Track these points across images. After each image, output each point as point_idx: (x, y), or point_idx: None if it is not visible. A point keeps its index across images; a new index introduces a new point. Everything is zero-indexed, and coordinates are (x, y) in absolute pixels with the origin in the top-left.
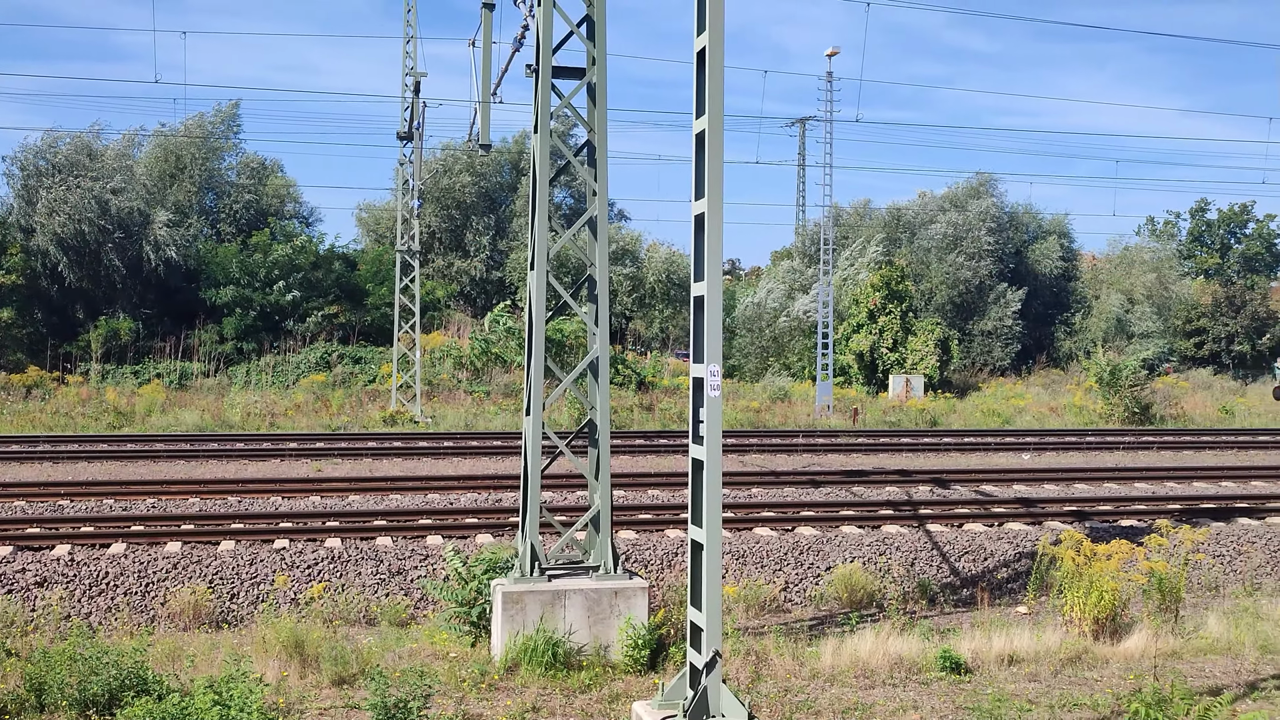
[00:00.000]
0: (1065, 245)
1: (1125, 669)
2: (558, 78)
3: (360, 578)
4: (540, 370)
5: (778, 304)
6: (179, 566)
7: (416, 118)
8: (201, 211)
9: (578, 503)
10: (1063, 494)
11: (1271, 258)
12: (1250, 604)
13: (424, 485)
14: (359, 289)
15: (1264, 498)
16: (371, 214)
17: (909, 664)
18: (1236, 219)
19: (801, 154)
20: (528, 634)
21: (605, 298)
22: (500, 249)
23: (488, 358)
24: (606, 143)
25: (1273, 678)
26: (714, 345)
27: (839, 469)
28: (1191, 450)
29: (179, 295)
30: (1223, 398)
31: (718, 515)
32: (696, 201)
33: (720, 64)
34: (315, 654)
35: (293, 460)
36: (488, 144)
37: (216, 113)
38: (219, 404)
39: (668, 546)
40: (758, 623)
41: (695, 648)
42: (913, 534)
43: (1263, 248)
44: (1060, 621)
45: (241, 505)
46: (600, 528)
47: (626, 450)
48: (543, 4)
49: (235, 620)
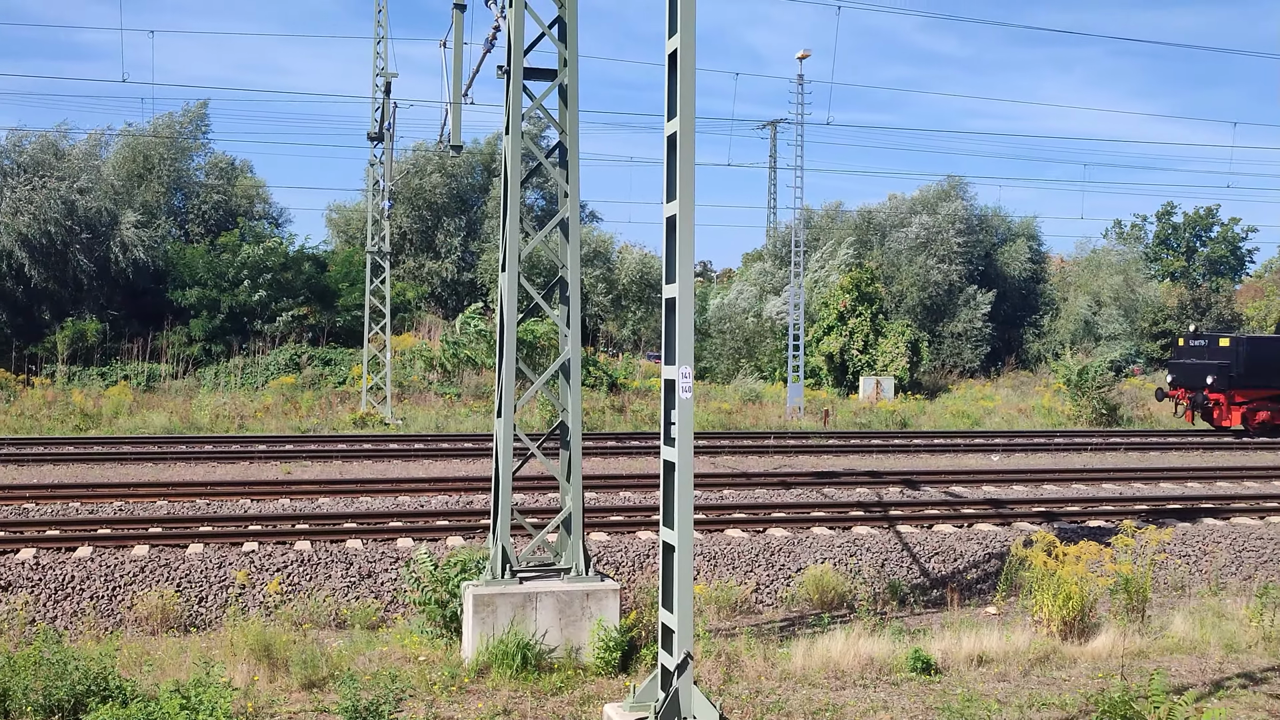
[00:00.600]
0: (1034, 248)
1: (1093, 669)
2: (529, 79)
3: (330, 580)
4: (512, 372)
5: (749, 306)
6: (146, 570)
7: (387, 118)
8: (170, 212)
9: (549, 505)
10: (1031, 495)
11: (1236, 260)
12: (1215, 603)
13: (395, 487)
14: (329, 290)
15: (1228, 498)
16: (342, 215)
17: (880, 665)
18: (1202, 222)
19: (773, 156)
20: (499, 636)
21: (577, 299)
22: (472, 250)
23: (459, 359)
24: (578, 144)
25: (1237, 676)
26: (685, 347)
27: (810, 470)
28: (1158, 451)
29: (147, 296)
30: None
31: (689, 517)
32: (668, 204)
33: (691, 66)
34: (285, 657)
35: (262, 462)
36: (459, 145)
37: (185, 112)
38: (187, 406)
39: (639, 548)
40: (729, 624)
41: (667, 650)
42: (883, 535)
43: (1227, 251)
44: (1029, 622)
45: (210, 508)
46: (572, 530)
47: (598, 452)
48: (514, 5)
49: (203, 624)
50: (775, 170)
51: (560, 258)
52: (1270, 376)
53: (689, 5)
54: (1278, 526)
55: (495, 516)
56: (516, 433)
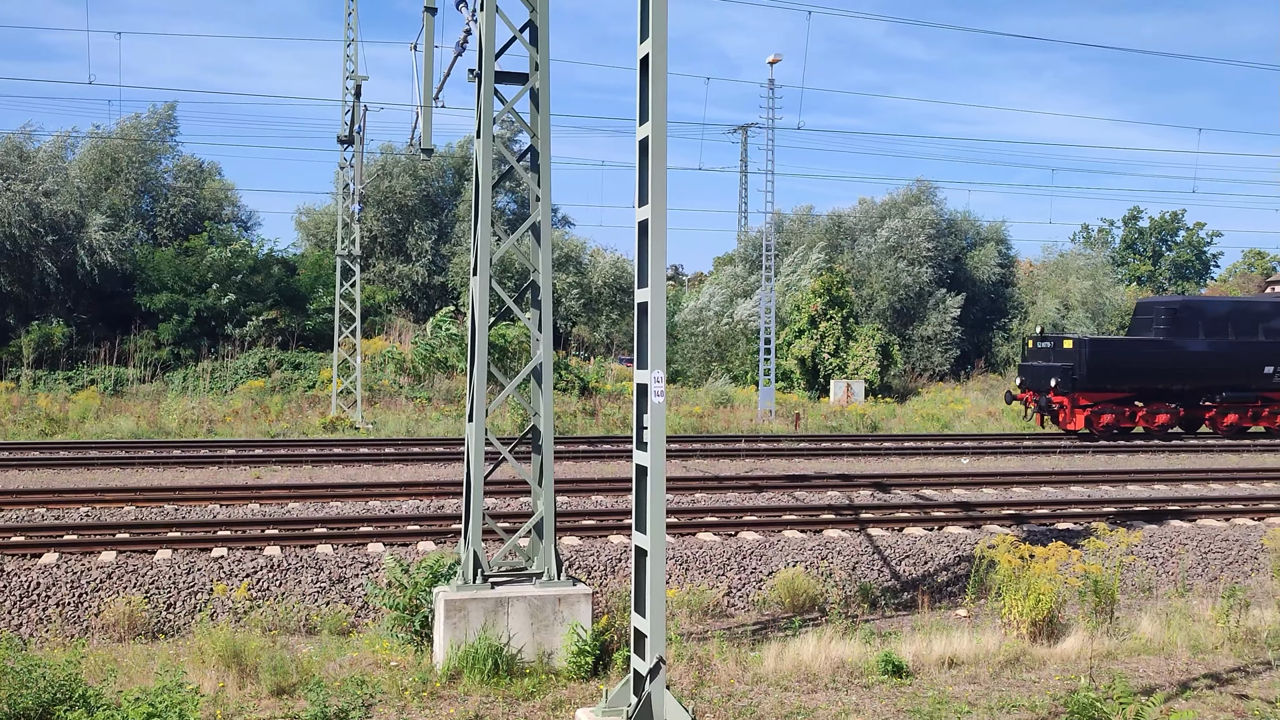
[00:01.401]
0: (1003, 252)
1: (1062, 670)
2: (500, 83)
3: (300, 586)
4: (483, 376)
5: (721, 309)
6: (114, 576)
7: (357, 121)
8: (137, 215)
9: (521, 509)
10: (1001, 498)
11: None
12: (1182, 604)
13: (365, 492)
14: (299, 294)
15: (1194, 500)
16: (311, 218)
17: (851, 668)
18: (1168, 227)
19: (744, 160)
20: (470, 642)
21: (549, 303)
22: (443, 253)
23: (430, 363)
24: (550, 148)
25: (1204, 677)
26: (658, 351)
27: (781, 474)
28: (1125, 454)
29: (114, 300)
30: None
31: (662, 522)
32: (640, 208)
33: (663, 71)
34: (254, 664)
35: (231, 467)
36: (430, 148)
37: (152, 114)
38: (155, 410)
39: (611, 552)
40: (701, 628)
41: (639, 654)
42: (854, 538)
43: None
44: (999, 624)
45: (178, 513)
46: (544, 534)
47: (570, 456)
48: (485, 9)
49: (172, 630)
50: (746, 174)
51: (532, 262)
52: (1115, 378)
53: (661, 11)
54: (1242, 528)
55: (467, 521)
56: (488, 437)
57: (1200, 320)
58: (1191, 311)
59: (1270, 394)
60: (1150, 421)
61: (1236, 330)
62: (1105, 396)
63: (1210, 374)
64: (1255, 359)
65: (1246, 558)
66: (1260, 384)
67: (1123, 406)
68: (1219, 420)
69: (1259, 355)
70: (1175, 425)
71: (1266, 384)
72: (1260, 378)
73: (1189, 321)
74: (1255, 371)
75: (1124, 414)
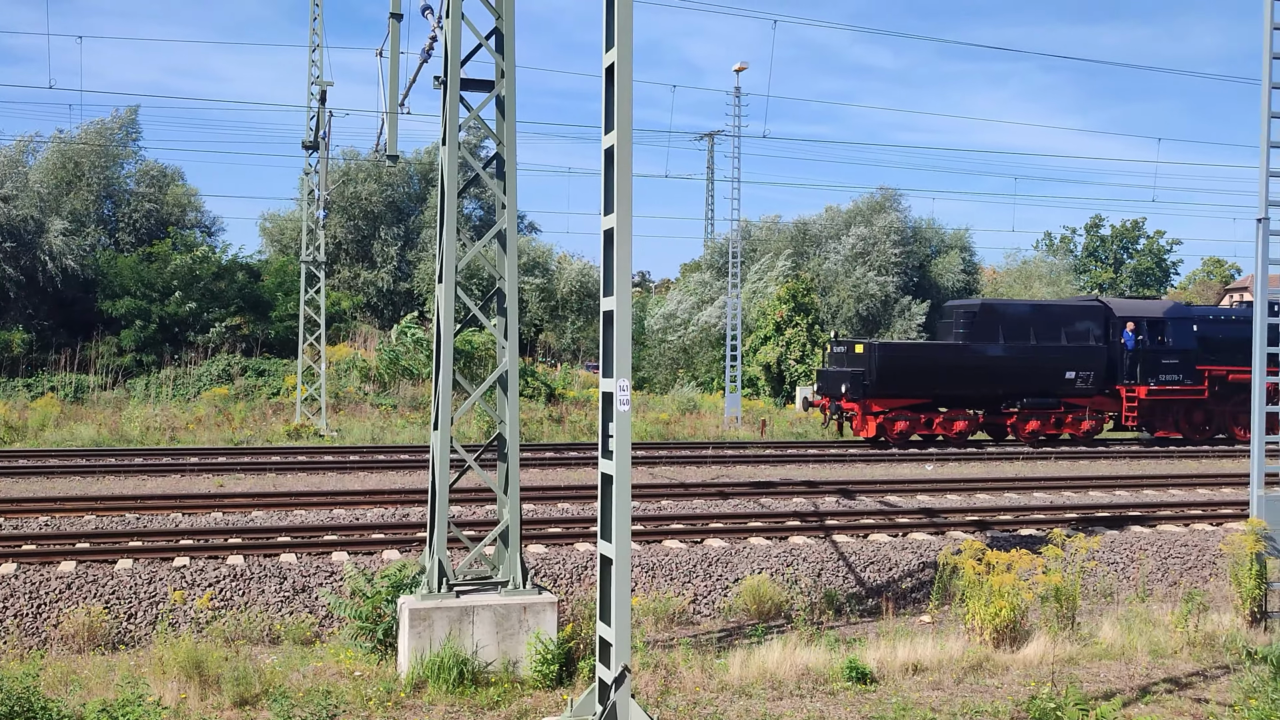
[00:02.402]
0: (967, 259)
1: (1025, 676)
2: (466, 90)
3: (264, 595)
4: (448, 384)
5: (688, 316)
6: (73, 586)
7: (323, 127)
8: (99, 220)
9: (486, 517)
10: (965, 504)
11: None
12: (1143, 610)
13: (329, 500)
14: (263, 300)
15: (1154, 505)
16: (276, 224)
17: (816, 674)
18: (1128, 235)
19: (710, 168)
20: (435, 651)
21: (515, 311)
22: (408, 260)
23: (395, 370)
24: (516, 155)
25: (1163, 681)
26: (623, 359)
27: (747, 480)
28: (1087, 460)
29: (76, 306)
30: None
31: (627, 530)
32: (606, 216)
33: (629, 80)
34: (216, 674)
35: (194, 475)
36: (395, 155)
37: (114, 119)
38: (117, 418)
39: (577, 560)
40: (667, 635)
41: (604, 663)
42: (820, 545)
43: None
44: (962, 630)
45: (140, 522)
46: (509, 542)
47: (536, 463)
48: (451, 16)
49: (133, 641)
50: (713, 182)
51: (498, 268)
52: (907, 384)
53: (626, 19)
54: (1201, 533)
55: (432, 529)
56: (453, 445)
57: (1000, 323)
58: (991, 314)
59: (1073, 399)
60: (948, 429)
61: (1038, 334)
62: (899, 403)
63: (1010, 379)
64: (1057, 363)
65: (1205, 562)
66: (1063, 389)
67: (919, 413)
68: (1020, 427)
69: (1061, 359)
70: (975, 432)
71: (1069, 389)
72: (1062, 383)
73: (988, 325)
74: (1057, 376)
75: (919, 421)
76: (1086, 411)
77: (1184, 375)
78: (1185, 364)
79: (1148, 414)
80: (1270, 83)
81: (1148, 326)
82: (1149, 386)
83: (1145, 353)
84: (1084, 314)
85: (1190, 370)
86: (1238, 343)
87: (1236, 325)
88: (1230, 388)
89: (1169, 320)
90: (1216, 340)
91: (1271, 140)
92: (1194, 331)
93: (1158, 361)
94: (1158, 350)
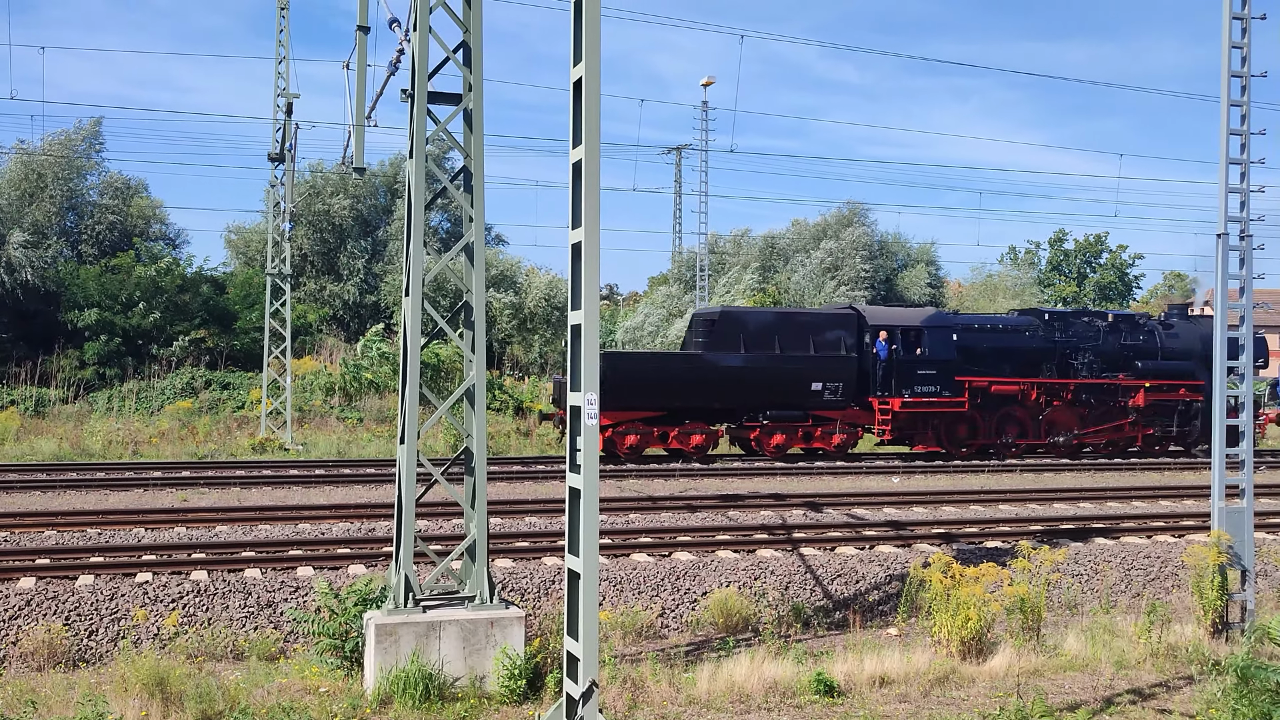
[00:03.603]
0: (933, 273)
1: (991, 688)
2: (434, 103)
3: (228, 611)
4: (415, 398)
5: (656, 329)
6: (33, 603)
7: (289, 139)
8: (61, 232)
9: (453, 531)
10: (931, 516)
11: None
12: (1107, 621)
13: (295, 515)
14: (228, 313)
15: (1118, 518)
16: (241, 236)
17: (784, 688)
18: (1091, 249)
19: (678, 182)
20: (401, 666)
21: (482, 324)
22: (375, 272)
23: (361, 383)
24: (483, 169)
25: (1127, 692)
26: (591, 373)
27: (715, 493)
28: (1051, 473)
29: (37, 319)
30: None
31: (594, 545)
32: (574, 230)
33: (597, 95)
34: (179, 692)
35: (157, 490)
36: (362, 167)
37: (78, 130)
38: (78, 432)
39: (545, 574)
40: (634, 649)
41: (572, 677)
42: (787, 558)
43: (1116, 277)
44: (929, 642)
45: (101, 537)
46: (476, 557)
47: (503, 477)
48: (418, 29)
49: (94, 658)
50: (681, 195)
51: (465, 282)
52: (640, 395)
53: (594, 34)
54: (1164, 545)
55: (398, 544)
56: (420, 459)
57: (742, 332)
58: (732, 322)
59: (822, 412)
60: (685, 443)
61: (784, 343)
62: (630, 415)
63: (751, 391)
64: (802, 374)
65: (1168, 574)
66: (810, 402)
67: (652, 427)
68: (765, 441)
69: (806, 370)
70: (714, 446)
71: (816, 401)
72: (809, 395)
73: (729, 333)
74: (802, 388)
75: (653, 435)
76: (837, 425)
77: (942, 386)
78: (944, 375)
79: (906, 427)
80: (1229, 101)
81: (902, 335)
82: (904, 398)
83: (900, 363)
84: (835, 322)
85: (949, 381)
86: (1004, 352)
87: (1002, 334)
88: (994, 400)
89: (925, 329)
90: (980, 350)
91: (1230, 157)
92: (954, 341)
93: (913, 372)
94: (913, 360)
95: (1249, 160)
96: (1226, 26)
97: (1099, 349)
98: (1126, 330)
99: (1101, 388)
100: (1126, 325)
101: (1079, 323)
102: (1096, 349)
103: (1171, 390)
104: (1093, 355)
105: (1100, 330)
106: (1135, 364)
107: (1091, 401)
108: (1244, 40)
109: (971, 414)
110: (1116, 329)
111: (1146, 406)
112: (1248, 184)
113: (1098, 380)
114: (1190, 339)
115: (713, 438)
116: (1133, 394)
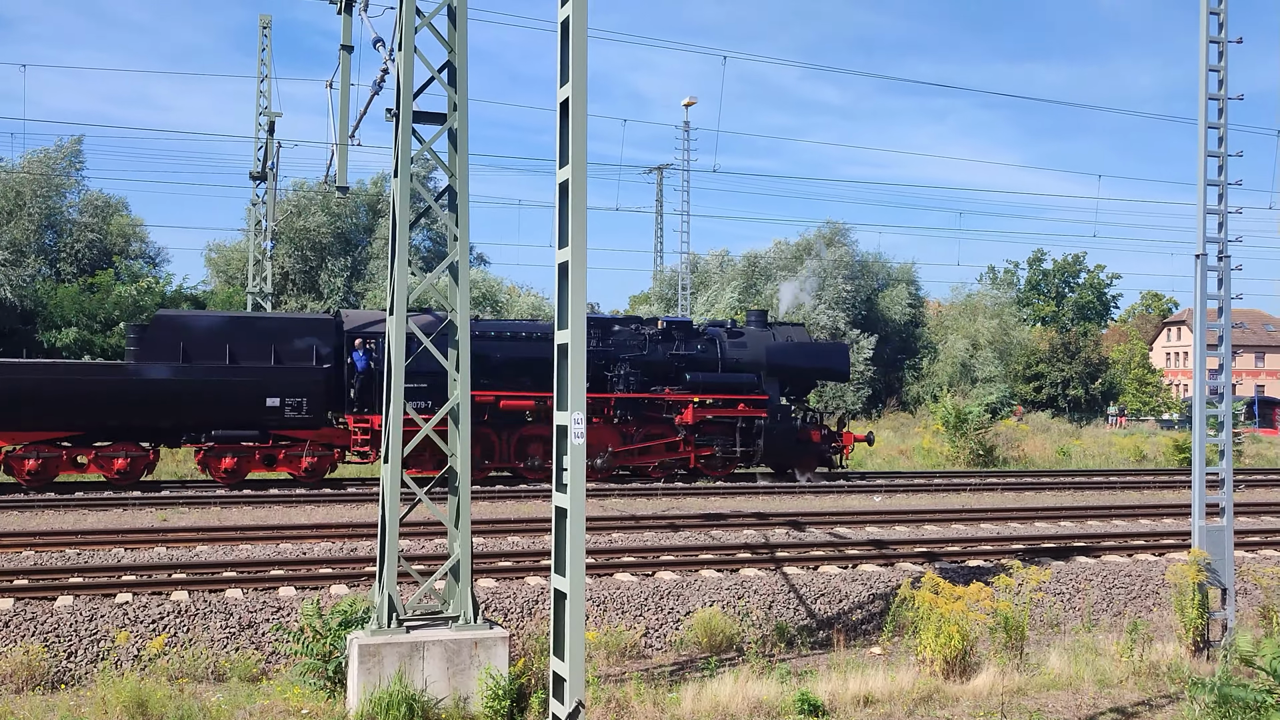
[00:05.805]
0: (913, 293)
1: (975, 706)
2: (418, 123)
3: (209, 632)
4: (399, 416)
5: None
6: (11, 625)
7: (270, 158)
8: (40, 250)
9: (436, 550)
10: (913, 535)
11: (1102, 306)
12: (1089, 639)
13: (276, 534)
14: None
15: (1099, 536)
16: (222, 254)
17: (768, 707)
18: (1070, 269)
19: (659, 201)
20: (385, 687)
21: (466, 343)
22: (356, 291)
23: None
24: (468, 188)
25: (1109, 711)
26: (578, 393)
27: (698, 513)
28: (1033, 491)
29: (15, 337)
30: (1060, 440)
31: (581, 564)
32: (560, 249)
33: (583, 115)
34: (160, 713)
35: (136, 509)
36: (345, 186)
37: (58, 148)
38: None
39: (528, 594)
40: (619, 669)
41: (558, 698)
42: (771, 577)
43: (1094, 296)
44: (913, 661)
45: (80, 558)
46: (460, 577)
47: (486, 496)
48: (403, 49)
49: (73, 680)
50: (662, 215)
51: (449, 301)
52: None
53: (580, 56)
54: (1145, 564)
55: (381, 564)
56: (404, 478)
57: (182, 340)
58: (170, 329)
59: (285, 431)
60: (107, 467)
61: (238, 353)
62: (35, 436)
63: (190, 408)
64: (254, 388)
65: (1149, 592)
66: (270, 420)
67: (60, 450)
68: (214, 465)
69: (260, 383)
70: (149, 471)
71: (276, 419)
72: (265, 412)
73: (166, 341)
74: (257, 404)
75: (62, 459)
76: (307, 446)
77: (437, 402)
78: (439, 388)
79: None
80: (1206, 124)
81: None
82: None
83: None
84: (306, 329)
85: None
86: (522, 364)
87: (522, 343)
88: (505, 417)
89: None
90: (493, 361)
91: (1208, 179)
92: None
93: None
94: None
95: (1226, 182)
96: (1203, 50)
97: (643, 359)
98: (681, 339)
99: (641, 402)
100: (681, 333)
101: (623, 330)
102: (640, 359)
103: (729, 406)
104: (633, 366)
105: (646, 338)
106: (684, 376)
107: (629, 418)
108: (1220, 64)
109: (484, 432)
110: (668, 337)
111: (697, 424)
112: (1225, 205)
113: (635, 395)
114: (758, 349)
115: (143, 461)
116: (681, 409)
